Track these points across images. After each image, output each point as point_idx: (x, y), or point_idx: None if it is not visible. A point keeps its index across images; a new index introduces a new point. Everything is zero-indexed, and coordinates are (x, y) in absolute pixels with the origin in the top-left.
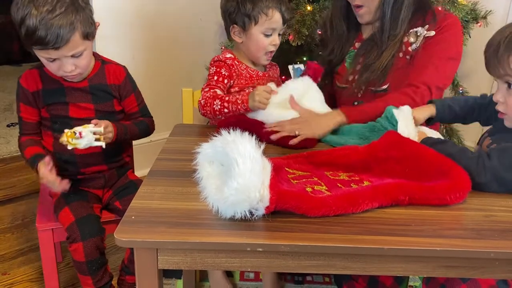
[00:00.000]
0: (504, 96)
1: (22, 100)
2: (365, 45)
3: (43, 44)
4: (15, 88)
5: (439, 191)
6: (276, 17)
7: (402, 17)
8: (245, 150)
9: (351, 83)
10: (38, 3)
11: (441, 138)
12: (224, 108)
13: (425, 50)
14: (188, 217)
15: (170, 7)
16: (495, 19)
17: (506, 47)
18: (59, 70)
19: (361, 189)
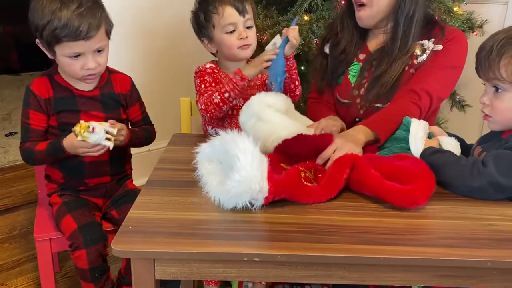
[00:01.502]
0: (490, 99)
1: (33, 106)
2: (372, 57)
3: (75, 36)
4: (13, 97)
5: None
6: (228, 11)
7: (414, 30)
8: (245, 146)
9: (355, 98)
10: (65, 1)
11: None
12: (224, 93)
13: (430, 60)
14: (185, 227)
15: (168, 17)
16: (491, 28)
17: (497, 52)
18: (82, 68)
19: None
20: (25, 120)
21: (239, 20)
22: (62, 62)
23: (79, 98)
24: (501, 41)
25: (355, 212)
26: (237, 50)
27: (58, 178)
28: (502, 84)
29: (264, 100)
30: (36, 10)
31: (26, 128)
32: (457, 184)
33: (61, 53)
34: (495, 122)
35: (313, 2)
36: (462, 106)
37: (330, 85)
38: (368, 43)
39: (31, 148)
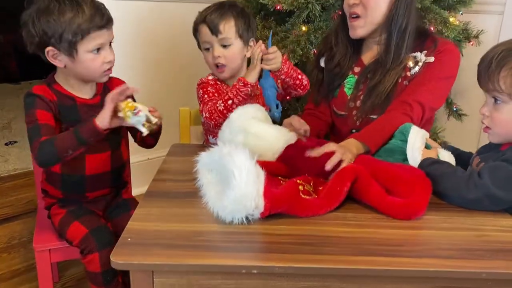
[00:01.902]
0: (490, 111)
1: (39, 106)
2: (367, 70)
3: (101, 25)
4: (13, 106)
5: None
6: (203, 30)
7: (407, 42)
8: (240, 162)
9: (352, 110)
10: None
11: (448, 162)
12: (228, 100)
13: (422, 72)
14: (184, 239)
15: (167, 28)
16: (486, 38)
17: (497, 64)
18: (103, 63)
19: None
20: (32, 120)
21: (212, 39)
22: (84, 60)
23: (81, 106)
24: (501, 53)
25: (352, 223)
26: (214, 69)
27: (57, 194)
28: (501, 95)
29: (245, 113)
30: (49, 19)
31: (35, 126)
32: (453, 195)
33: (85, 49)
34: (495, 134)
35: (311, 13)
36: (459, 116)
37: (327, 98)
38: (363, 56)
39: (49, 138)
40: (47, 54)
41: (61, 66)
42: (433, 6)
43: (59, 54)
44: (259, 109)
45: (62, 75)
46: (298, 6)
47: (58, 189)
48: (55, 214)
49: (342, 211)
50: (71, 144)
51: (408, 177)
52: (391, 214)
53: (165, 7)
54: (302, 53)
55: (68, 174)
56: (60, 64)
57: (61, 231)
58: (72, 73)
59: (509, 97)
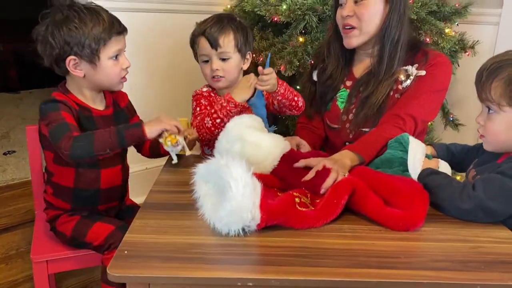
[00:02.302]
0: (484, 120)
1: (63, 109)
2: (359, 83)
3: (120, 30)
4: (12, 115)
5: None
6: (202, 43)
7: (399, 54)
8: (237, 174)
9: (345, 123)
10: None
11: (445, 173)
12: (216, 119)
13: (414, 86)
14: (180, 251)
15: (167, 40)
16: (482, 48)
17: (487, 76)
18: (121, 69)
19: (329, 194)
20: (58, 119)
21: (211, 52)
22: (105, 67)
23: (97, 118)
24: (492, 65)
25: (349, 235)
26: (210, 80)
27: (66, 206)
28: (492, 105)
29: (241, 122)
30: (70, 28)
31: (62, 124)
32: (448, 206)
33: (106, 56)
34: (488, 142)
35: (308, 24)
36: (455, 125)
37: (319, 111)
38: (354, 69)
39: (87, 133)
40: (68, 64)
41: (81, 75)
42: (428, 17)
43: (80, 63)
44: (255, 119)
45: (76, 86)
46: (295, 17)
47: (68, 202)
48: (64, 222)
49: (338, 223)
50: (111, 144)
51: (407, 188)
52: (389, 226)
53: (165, 17)
54: (299, 64)
55: (81, 188)
56: (80, 73)
57: (76, 236)
58: (90, 82)
59: (498, 107)
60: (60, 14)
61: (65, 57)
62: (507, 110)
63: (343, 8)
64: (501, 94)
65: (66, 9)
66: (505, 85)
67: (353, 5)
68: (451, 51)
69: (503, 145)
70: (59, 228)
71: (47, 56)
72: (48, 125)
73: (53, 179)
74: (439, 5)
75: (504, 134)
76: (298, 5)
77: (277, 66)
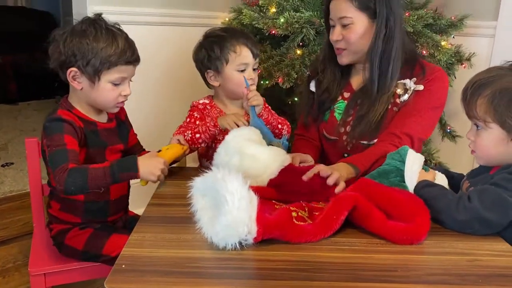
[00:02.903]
0: (474, 135)
1: (67, 131)
2: (356, 96)
3: (130, 60)
4: (10, 127)
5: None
6: (244, 52)
7: (392, 69)
8: (233, 187)
9: (342, 135)
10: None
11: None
12: (195, 134)
13: (411, 101)
14: (178, 265)
15: (165, 50)
16: (478, 60)
17: (471, 94)
18: (119, 95)
19: (329, 209)
20: (59, 144)
21: (251, 61)
22: (103, 89)
23: (102, 131)
24: (476, 83)
25: (346, 248)
26: (245, 89)
27: (76, 220)
28: (479, 122)
29: (240, 135)
30: (82, 41)
31: (62, 150)
32: (443, 218)
33: (107, 79)
34: (479, 157)
35: (305, 37)
36: (453, 137)
37: (316, 122)
38: (352, 80)
39: (81, 167)
40: (68, 74)
41: (78, 88)
42: (425, 30)
43: (80, 76)
44: (254, 131)
45: (77, 98)
46: (292, 30)
47: (78, 216)
48: (75, 236)
49: (336, 236)
50: (104, 183)
51: (409, 202)
52: (393, 240)
53: (163, 30)
54: (297, 76)
55: (92, 201)
56: (77, 86)
57: (90, 249)
58: (86, 97)
59: (485, 124)
60: (80, 26)
61: (68, 66)
62: (493, 126)
63: (332, 31)
64: (486, 111)
65: (87, 23)
66: (489, 103)
67: (340, 30)
68: (447, 63)
69: (494, 160)
70: (68, 242)
71: (54, 59)
72: (49, 147)
73: (62, 194)
74: (435, 18)
75: (493, 149)
76: (295, 18)
77: (275, 79)
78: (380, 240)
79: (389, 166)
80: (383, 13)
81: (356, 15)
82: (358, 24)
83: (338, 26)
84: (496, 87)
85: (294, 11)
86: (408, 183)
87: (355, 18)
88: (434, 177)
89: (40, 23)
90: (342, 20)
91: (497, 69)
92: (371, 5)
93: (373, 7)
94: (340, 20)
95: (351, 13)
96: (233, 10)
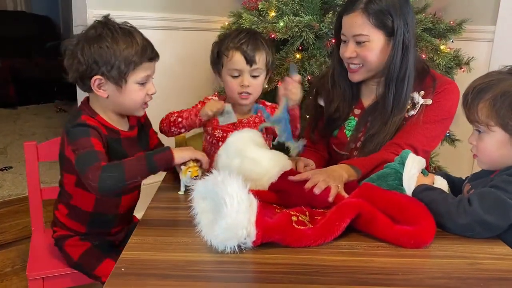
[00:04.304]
0: (476, 140)
1: (93, 135)
2: (367, 114)
3: (152, 56)
4: (9, 131)
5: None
6: (236, 58)
7: (406, 88)
8: (232, 190)
9: (353, 151)
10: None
11: (440, 188)
12: (178, 118)
13: (419, 115)
14: (177, 268)
15: (165, 54)
16: (477, 64)
17: (472, 98)
18: (145, 96)
19: (331, 214)
20: (86, 146)
21: (245, 68)
22: (130, 91)
23: (124, 140)
24: (477, 87)
25: (346, 252)
26: (237, 95)
27: (80, 229)
28: (481, 126)
29: (242, 137)
30: (102, 46)
31: (91, 151)
32: (444, 221)
33: (133, 80)
34: (481, 161)
35: (305, 41)
36: (452, 141)
37: (325, 137)
38: (363, 98)
39: (115, 163)
40: (93, 84)
41: (104, 96)
42: (424, 34)
43: (105, 83)
44: (256, 134)
45: (99, 105)
46: (292, 34)
47: (83, 225)
48: (73, 245)
49: (336, 239)
50: (142, 171)
51: (413, 206)
52: (400, 243)
53: (165, 35)
54: None
55: (100, 213)
56: (104, 94)
57: (84, 265)
58: (113, 103)
59: (487, 128)
60: (94, 31)
61: (91, 75)
62: (496, 129)
63: (346, 47)
64: (488, 115)
65: (100, 27)
66: (491, 106)
67: (355, 46)
68: (446, 67)
69: (496, 163)
70: (66, 248)
71: (73, 72)
72: (75, 150)
73: (72, 202)
74: (434, 22)
75: (496, 152)
76: (295, 22)
77: (275, 83)
78: (381, 243)
79: (389, 169)
80: (400, 30)
81: (372, 32)
82: (374, 42)
83: (351, 43)
84: (496, 90)
85: (293, 15)
86: (405, 186)
87: (372, 35)
88: (433, 181)
89: (39, 28)
90: (357, 38)
91: (497, 73)
92: (389, 23)
93: (391, 25)
94: (355, 37)
95: (367, 31)
96: (233, 15)
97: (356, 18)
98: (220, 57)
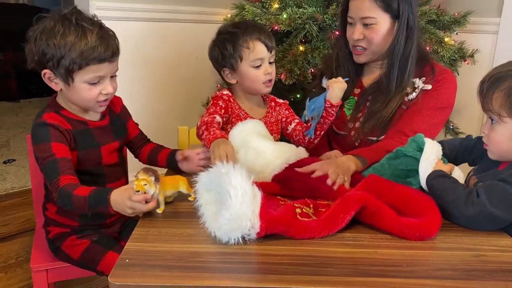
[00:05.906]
0: (488, 129)
1: (54, 139)
2: (368, 93)
3: (103, 58)
4: (12, 124)
5: (404, 222)
6: (258, 47)
7: (409, 68)
8: (236, 182)
9: (351, 130)
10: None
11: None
12: (202, 134)
13: (419, 100)
14: (182, 259)
15: (167, 46)
16: (481, 57)
17: (488, 87)
18: (100, 94)
19: (336, 206)
20: (47, 156)
21: (266, 55)
22: (79, 89)
23: (94, 130)
24: (493, 76)
25: (351, 243)
26: (262, 85)
27: (73, 223)
28: (494, 116)
29: (245, 128)
30: (49, 41)
31: (52, 162)
32: (451, 210)
33: (81, 80)
34: (491, 151)
35: (308, 33)
36: (456, 133)
37: None
38: (363, 78)
39: (68, 191)
40: (44, 76)
41: (57, 89)
42: (428, 26)
43: (55, 77)
44: (259, 124)
45: (63, 99)
46: (295, 26)
47: (75, 220)
48: (72, 245)
49: (340, 231)
50: (84, 211)
51: (419, 198)
52: (405, 236)
53: (166, 27)
54: (300, 72)
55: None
56: (56, 87)
57: (86, 262)
58: (68, 98)
59: (499, 118)
60: (50, 23)
61: (41, 68)
62: (508, 121)
63: (353, 29)
64: (501, 105)
65: (57, 20)
66: (505, 96)
67: (362, 28)
68: (450, 59)
69: (506, 154)
70: (64, 249)
71: (30, 60)
72: (38, 159)
73: None
74: (438, 14)
75: (506, 144)
76: (298, 14)
77: (278, 75)
78: (385, 235)
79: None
80: (405, 13)
81: (379, 15)
82: (381, 24)
83: (359, 25)
84: None
85: (296, 7)
86: (420, 170)
87: (379, 18)
88: (450, 170)
89: None
90: (365, 20)
91: None
92: (394, 5)
93: (396, 7)
94: (363, 19)
95: (374, 13)
96: (236, 7)
97: (364, 1)
98: (238, 51)
